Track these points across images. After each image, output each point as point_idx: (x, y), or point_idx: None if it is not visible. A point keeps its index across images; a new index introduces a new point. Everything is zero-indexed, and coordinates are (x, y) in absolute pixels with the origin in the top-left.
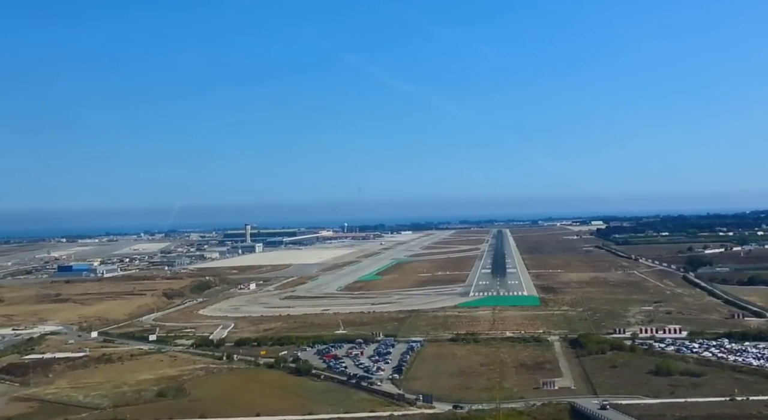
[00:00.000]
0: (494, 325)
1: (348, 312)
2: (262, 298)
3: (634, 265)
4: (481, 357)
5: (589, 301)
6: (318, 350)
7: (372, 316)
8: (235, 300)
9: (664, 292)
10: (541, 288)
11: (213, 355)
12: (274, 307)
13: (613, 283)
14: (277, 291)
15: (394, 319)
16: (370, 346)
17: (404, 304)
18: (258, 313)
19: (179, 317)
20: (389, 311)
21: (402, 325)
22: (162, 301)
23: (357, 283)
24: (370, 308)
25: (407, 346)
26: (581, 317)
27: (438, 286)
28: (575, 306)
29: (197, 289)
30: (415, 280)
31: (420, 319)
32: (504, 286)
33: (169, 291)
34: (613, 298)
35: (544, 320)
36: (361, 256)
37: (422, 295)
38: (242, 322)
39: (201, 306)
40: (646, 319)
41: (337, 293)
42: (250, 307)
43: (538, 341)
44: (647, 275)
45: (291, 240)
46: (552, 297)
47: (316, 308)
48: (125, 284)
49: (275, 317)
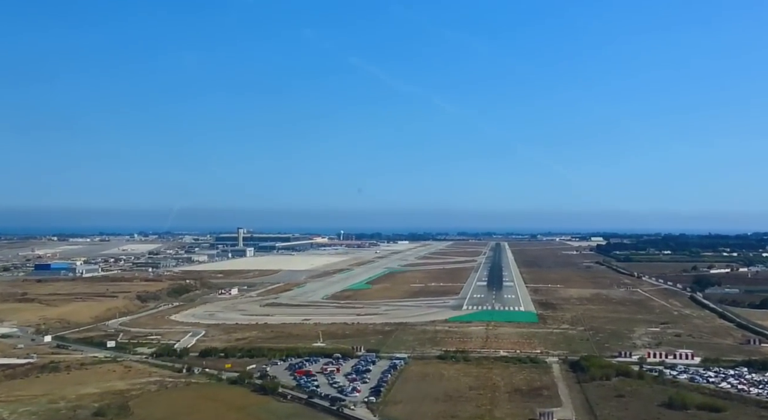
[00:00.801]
0: (487, 342)
1: (330, 322)
2: (241, 305)
3: (637, 282)
4: (471, 379)
5: (591, 319)
6: (290, 365)
7: (355, 328)
8: (213, 306)
9: (671, 312)
10: (540, 303)
11: (173, 366)
12: (252, 315)
13: (616, 301)
14: (259, 297)
15: (379, 332)
16: (348, 363)
17: (392, 316)
18: (233, 320)
19: (148, 322)
20: (375, 323)
21: (387, 339)
22: (134, 305)
23: (345, 291)
24: (355, 319)
25: (390, 363)
26: (582, 337)
27: (430, 297)
28: (576, 324)
29: (174, 293)
30: (406, 291)
31: (407, 333)
32: (500, 300)
33: (143, 294)
34: (617, 317)
35: (542, 339)
36: (354, 264)
37: (412, 307)
38: (214, 329)
39: (175, 311)
40: (653, 342)
41: (322, 302)
42: (226, 314)
43: (535, 362)
44: (652, 294)
45: (284, 245)
46: (551, 313)
47: (296, 317)
48: (100, 285)
49: (251, 326)
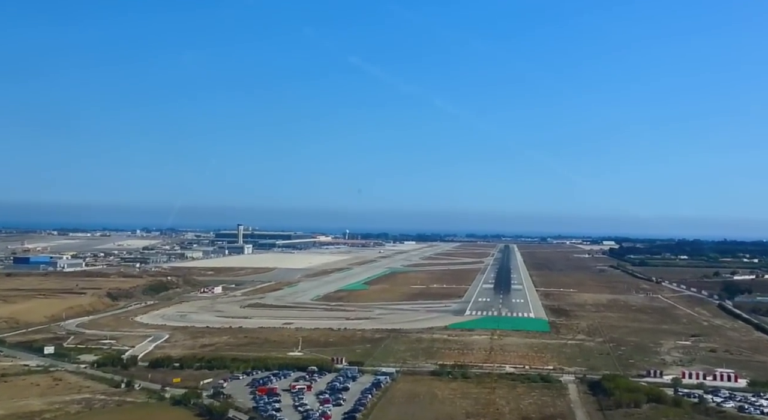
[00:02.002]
0: (491, 355)
1: (313, 327)
2: (220, 305)
3: (656, 288)
4: (470, 402)
5: (610, 329)
6: (253, 380)
7: (341, 335)
8: (188, 305)
9: (700, 322)
10: (551, 310)
11: (112, 379)
12: (227, 317)
13: (636, 308)
14: (243, 297)
15: (367, 339)
16: (324, 378)
17: (385, 321)
18: (205, 323)
19: (109, 323)
20: (364, 329)
21: (375, 349)
22: (102, 303)
23: (338, 292)
24: (343, 324)
25: (373, 379)
26: (602, 350)
27: (430, 300)
28: (593, 335)
29: (151, 291)
30: (405, 293)
31: (399, 342)
32: (507, 305)
33: (115, 291)
34: (639, 326)
35: (556, 352)
36: (354, 263)
37: (409, 311)
38: (180, 333)
39: (145, 310)
40: (686, 358)
41: (311, 303)
42: (199, 315)
43: (547, 382)
44: (674, 301)
45: (285, 243)
46: (564, 321)
47: (277, 321)
48: (73, 281)
49: (223, 330)
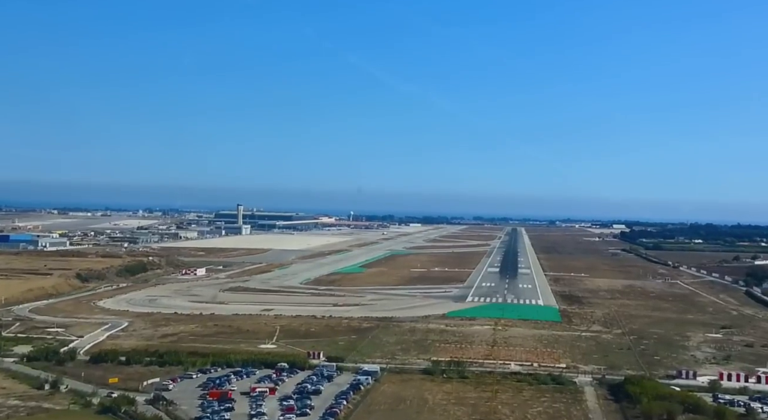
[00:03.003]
0: (494, 349)
1: (294, 315)
2: (198, 288)
3: (674, 273)
4: (467, 409)
5: (629, 319)
6: (209, 380)
7: (324, 324)
8: (162, 288)
9: (728, 312)
10: (562, 296)
11: (38, 378)
12: (202, 302)
13: (656, 295)
14: (226, 279)
15: (353, 329)
16: (295, 377)
17: (376, 307)
18: (174, 308)
19: (66, 308)
20: (351, 317)
21: (360, 341)
22: (68, 284)
23: (332, 275)
24: (329, 311)
25: (353, 379)
26: (621, 344)
27: (429, 285)
28: (610, 325)
29: (127, 272)
30: (403, 277)
31: (389, 333)
32: (513, 290)
33: (86, 272)
34: (662, 316)
35: (568, 345)
36: (354, 245)
37: (405, 297)
38: (142, 320)
39: (113, 293)
40: (719, 355)
41: (299, 288)
42: (171, 300)
43: (559, 383)
44: (696, 287)
45: (285, 224)
46: (577, 310)
47: (256, 307)
48: (46, 260)
49: (192, 317)
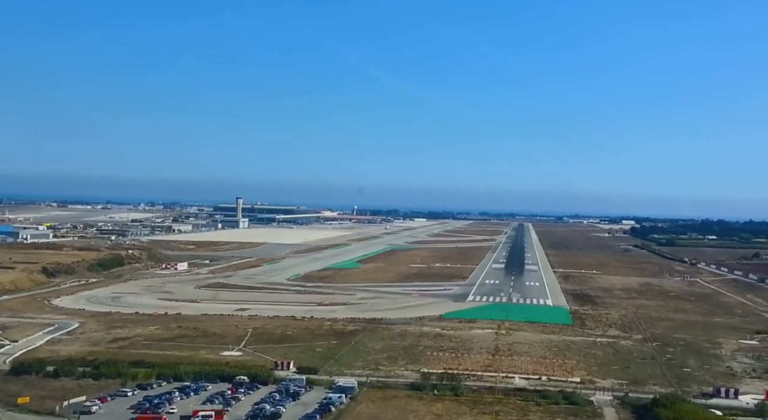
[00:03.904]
0: (496, 358)
1: (272, 316)
2: (172, 285)
3: (692, 270)
4: None
5: (649, 321)
6: (145, 399)
7: (304, 326)
8: (132, 284)
9: (760, 314)
10: (573, 296)
11: None
12: (172, 300)
13: (676, 295)
14: (208, 274)
15: (336, 332)
16: (254, 394)
17: (365, 307)
18: (137, 308)
19: (15, 307)
20: (335, 318)
21: (341, 347)
22: (31, 280)
23: (323, 271)
24: (311, 311)
25: (323, 398)
26: (644, 352)
27: (428, 282)
28: (629, 329)
29: (99, 266)
30: (400, 273)
31: (376, 337)
32: (519, 288)
33: (54, 266)
34: (685, 319)
35: (582, 354)
36: (354, 239)
37: (399, 295)
38: (96, 321)
39: (76, 289)
40: (760, 367)
41: (285, 284)
42: (137, 298)
43: (572, 403)
44: (718, 285)
45: (285, 218)
46: (590, 311)
47: (231, 305)
48: (17, 253)
49: (155, 317)
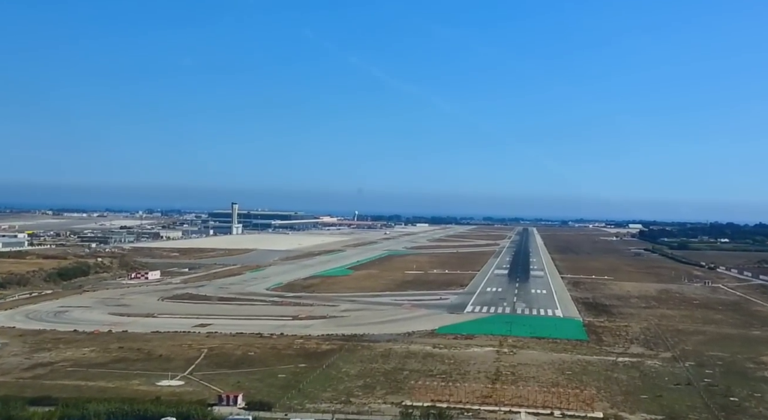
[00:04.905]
0: (496, 386)
1: (235, 333)
2: (134, 296)
3: (711, 275)
4: None
5: (677, 336)
6: None
7: (270, 346)
8: (87, 296)
9: None
10: (585, 305)
11: None
12: (125, 315)
13: (700, 303)
14: (179, 284)
15: (306, 353)
16: None
17: (347, 321)
18: (79, 324)
19: None
20: (309, 335)
21: (308, 373)
22: None
23: (309, 279)
24: (283, 326)
25: None
26: (676, 375)
27: (423, 290)
28: (654, 346)
29: (59, 277)
30: (393, 280)
31: (354, 358)
32: (524, 297)
33: (5, 276)
34: (718, 332)
35: (602, 378)
36: (350, 245)
37: (388, 306)
38: (22, 342)
39: (19, 303)
40: None
41: (261, 294)
42: (85, 313)
43: None
44: (743, 292)
45: (282, 224)
46: (606, 323)
47: (192, 320)
48: None
49: (96, 336)
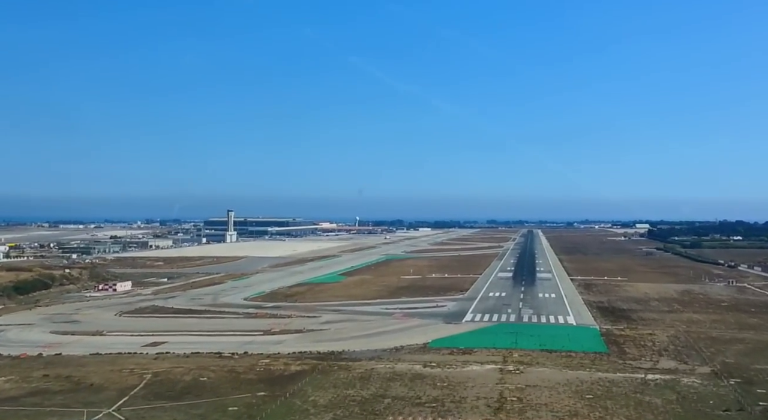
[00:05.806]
0: (500, 417)
1: (190, 353)
2: (89, 310)
3: (734, 274)
4: None
5: (712, 345)
6: None
7: (228, 368)
8: (36, 312)
9: None
10: (600, 309)
11: None
12: (70, 333)
13: (729, 305)
14: (149, 296)
15: (269, 377)
16: None
17: (326, 335)
18: (7, 347)
19: None
20: (278, 353)
21: (266, 405)
22: None
23: (295, 287)
24: (250, 343)
25: None
26: (722, 397)
27: (418, 297)
28: (687, 357)
29: (15, 291)
30: (387, 286)
31: (325, 384)
32: (531, 302)
33: None
34: (759, 339)
35: (631, 403)
36: (347, 250)
37: (377, 316)
38: None
39: None
40: None
41: (237, 305)
42: (22, 332)
43: None
44: None
45: (279, 230)
46: (627, 331)
47: (145, 338)
48: None
49: (22, 361)
